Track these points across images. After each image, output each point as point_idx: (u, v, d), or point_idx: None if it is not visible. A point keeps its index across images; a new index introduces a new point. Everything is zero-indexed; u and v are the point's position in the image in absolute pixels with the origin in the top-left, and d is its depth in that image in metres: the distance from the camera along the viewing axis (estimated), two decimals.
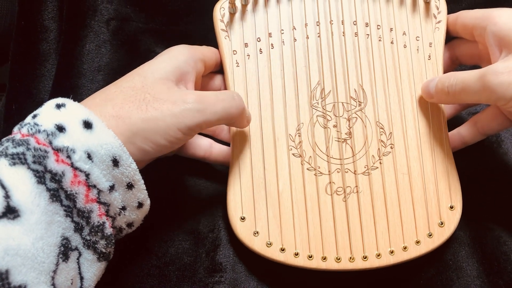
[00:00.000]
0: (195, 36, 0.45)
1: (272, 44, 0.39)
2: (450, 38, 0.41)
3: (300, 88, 0.38)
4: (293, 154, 0.37)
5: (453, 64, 0.42)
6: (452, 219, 0.37)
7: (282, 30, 0.39)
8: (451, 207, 0.37)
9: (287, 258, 0.35)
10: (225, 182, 0.37)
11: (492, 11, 0.36)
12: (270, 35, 0.39)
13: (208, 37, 0.41)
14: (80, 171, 0.28)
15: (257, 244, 0.35)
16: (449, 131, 0.39)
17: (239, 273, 0.37)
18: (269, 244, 0.35)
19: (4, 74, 0.45)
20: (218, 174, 0.42)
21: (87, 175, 0.28)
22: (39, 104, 0.30)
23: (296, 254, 0.35)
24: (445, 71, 0.40)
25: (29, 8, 0.43)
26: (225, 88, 0.39)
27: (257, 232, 0.36)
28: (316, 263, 0.35)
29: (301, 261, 0.35)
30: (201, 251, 0.38)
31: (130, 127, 0.30)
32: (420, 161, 0.38)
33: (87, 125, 0.28)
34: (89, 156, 0.28)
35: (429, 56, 0.39)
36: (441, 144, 0.38)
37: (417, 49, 0.39)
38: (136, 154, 0.30)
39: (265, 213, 0.36)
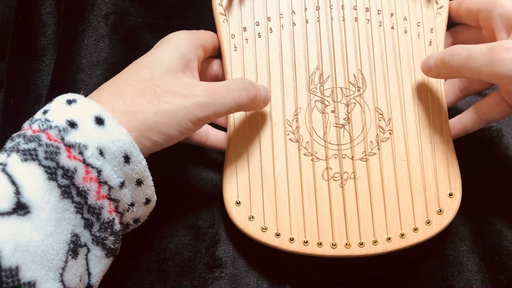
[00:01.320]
0: None
1: (271, 28, 0.38)
2: (452, 24, 0.41)
3: (299, 73, 0.38)
4: (290, 139, 0.37)
5: None
6: (451, 206, 0.36)
7: (281, 14, 0.38)
8: (450, 195, 0.36)
9: (282, 243, 0.35)
10: None
11: None
12: (269, 19, 0.38)
13: None
14: (92, 167, 0.28)
15: (252, 229, 0.35)
16: (449, 119, 0.39)
17: (239, 269, 0.37)
18: (264, 229, 0.35)
19: (2, 69, 0.45)
20: (217, 169, 0.41)
21: (99, 172, 0.28)
22: (38, 99, 0.30)
23: (292, 239, 0.35)
24: None
25: (27, 3, 0.43)
26: (223, 73, 0.39)
27: (252, 217, 0.35)
28: (311, 249, 0.35)
29: (296, 247, 0.35)
30: (200, 247, 0.38)
31: (144, 121, 0.30)
32: (419, 147, 0.37)
33: (99, 121, 0.28)
34: (101, 153, 0.28)
35: (430, 42, 0.39)
36: (441, 130, 0.37)
37: (418, 35, 0.39)
38: (149, 147, 0.30)
39: (260, 197, 0.36)
